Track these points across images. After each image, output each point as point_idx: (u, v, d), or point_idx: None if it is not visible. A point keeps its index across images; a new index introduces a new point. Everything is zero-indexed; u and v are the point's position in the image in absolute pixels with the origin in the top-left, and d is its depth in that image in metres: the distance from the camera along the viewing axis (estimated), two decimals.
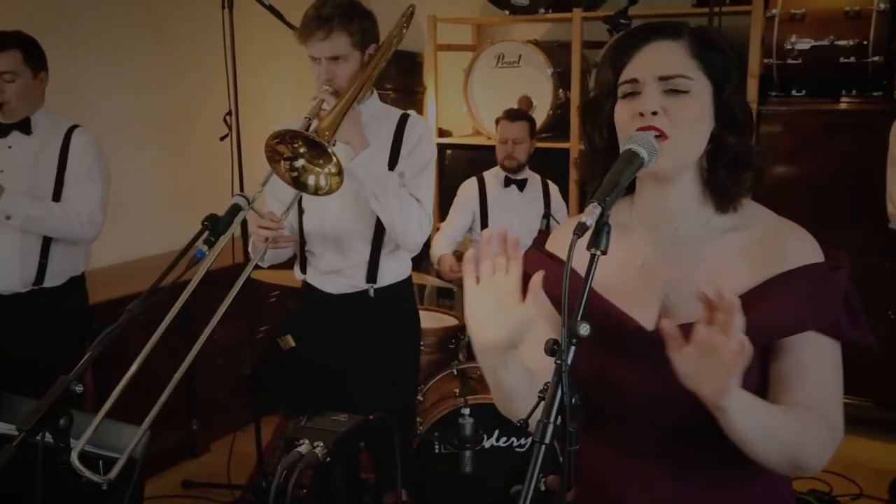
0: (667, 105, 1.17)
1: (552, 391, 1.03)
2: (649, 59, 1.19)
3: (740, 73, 1.23)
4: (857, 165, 3.41)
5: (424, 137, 2.29)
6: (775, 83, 3.72)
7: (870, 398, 3.62)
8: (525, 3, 4.12)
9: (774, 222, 1.24)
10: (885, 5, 3.45)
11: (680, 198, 1.24)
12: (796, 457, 1.13)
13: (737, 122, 1.20)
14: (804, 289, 1.15)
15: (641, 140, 1.15)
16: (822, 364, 1.17)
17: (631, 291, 1.25)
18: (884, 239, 3.27)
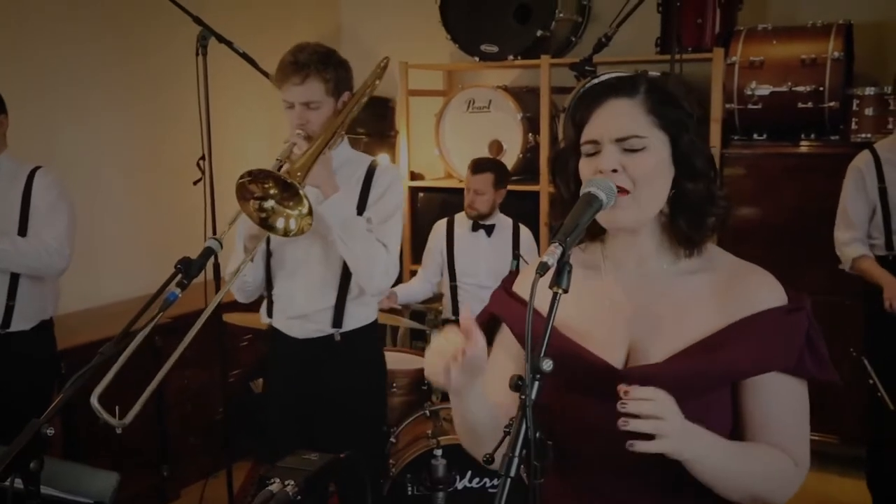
0: (625, 163, 1.22)
1: (517, 426, 1.06)
2: (606, 120, 1.25)
3: (698, 121, 1.28)
4: (817, 207, 3.50)
5: (393, 184, 2.33)
6: (737, 128, 3.84)
7: (836, 434, 3.68)
8: (494, 50, 4.22)
9: (739, 265, 1.29)
10: (839, 54, 3.58)
11: (645, 244, 1.29)
12: (760, 493, 1.18)
13: (696, 170, 1.24)
14: (768, 331, 1.20)
15: (600, 184, 1.20)
16: (787, 404, 1.22)
17: (600, 332, 1.28)
18: (843, 278, 3.35)
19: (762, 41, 3.77)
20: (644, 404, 1.10)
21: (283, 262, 2.34)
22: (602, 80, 1.32)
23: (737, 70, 3.75)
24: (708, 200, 1.25)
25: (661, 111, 1.24)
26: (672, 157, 1.24)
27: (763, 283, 1.24)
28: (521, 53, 4.20)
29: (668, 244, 1.28)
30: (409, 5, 4.82)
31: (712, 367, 1.19)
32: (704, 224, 1.25)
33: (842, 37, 3.63)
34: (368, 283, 2.24)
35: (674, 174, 1.25)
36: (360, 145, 4.61)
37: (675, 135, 1.24)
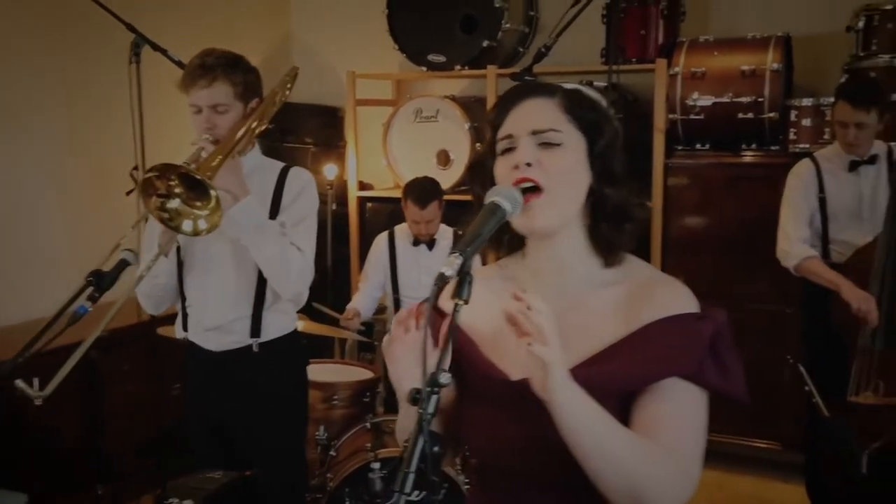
0: (541, 157, 1.22)
1: (413, 440, 1.04)
2: (523, 115, 1.25)
3: (616, 130, 1.28)
4: (760, 216, 3.55)
5: (306, 188, 2.30)
6: (680, 138, 3.88)
7: (776, 441, 3.72)
8: (442, 60, 4.22)
9: (650, 275, 1.28)
10: (778, 65, 3.64)
11: (565, 252, 1.27)
12: (637, 488, 1.10)
13: (613, 175, 1.24)
14: (668, 338, 1.18)
15: (504, 193, 1.19)
16: (682, 410, 1.17)
17: (509, 342, 1.24)
18: (785, 287, 3.40)
19: (704, 52, 3.81)
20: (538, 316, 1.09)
21: (195, 270, 2.30)
22: (518, 85, 1.32)
23: (679, 81, 3.79)
24: (625, 207, 1.25)
25: (579, 113, 1.24)
26: (589, 159, 1.24)
27: (669, 292, 1.22)
28: (468, 63, 4.21)
29: (588, 252, 1.27)
30: (358, 15, 4.80)
31: (609, 376, 1.17)
32: (624, 230, 1.25)
33: (780, 49, 3.69)
34: (283, 287, 2.21)
35: (591, 179, 1.24)
36: (308, 155, 4.59)
37: (592, 137, 1.24)
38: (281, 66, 2.40)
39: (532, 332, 1.08)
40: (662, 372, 1.17)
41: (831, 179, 3.12)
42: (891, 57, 3.51)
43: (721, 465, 3.83)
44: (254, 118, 2.21)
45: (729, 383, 1.19)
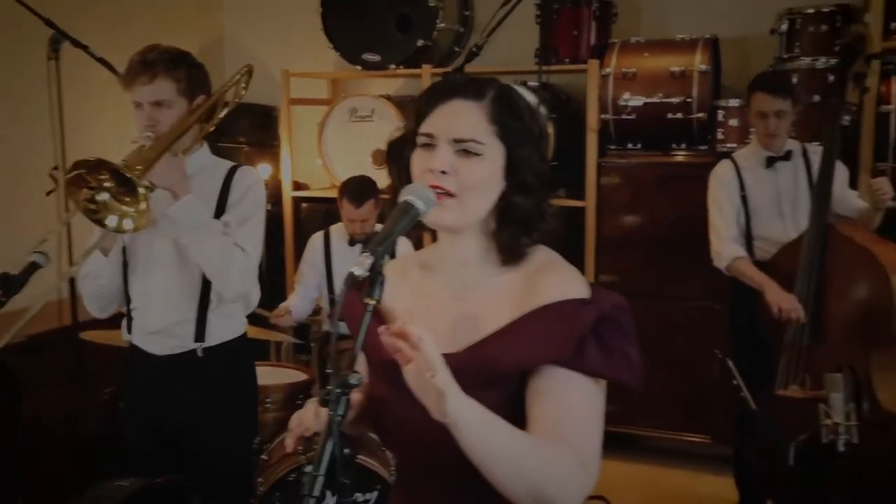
0: (457, 165, 1.21)
1: (323, 443, 1.03)
2: (448, 117, 1.23)
3: (539, 137, 1.27)
4: (690, 215, 3.60)
5: (253, 188, 2.27)
6: (613, 137, 3.92)
7: (707, 434, 3.80)
8: (376, 59, 4.20)
9: (544, 262, 1.26)
10: (706, 66, 3.71)
11: (466, 248, 1.28)
12: (538, 487, 1.10)
13: (526, 185, 1.23)
14: (545, 324, 1.17)
15: (419, 192, 1.18)
16: (574, 400, 1.16)
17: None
18: (715, 284, 3.46)
19: (635, 53, 3.87)
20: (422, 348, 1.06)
21: (138, 270, 2.25)
22: (452, 78, 1.30)
23: (611, 81, 3.84)
24: (536, 216, 1.25)
25: (504, 121, 1.23)
26: (505, 168, 1.23)
27: (555, 279, 1.21)
28: (403, 63, 4.19)
29: (487, 253, 1.28)
30: (292, 13, 4.74)
31: (491, 360, 1.17)
32: (529, 238, 1.25)
33: (708, 50, 3.76)
34: (225, 287, 2.17)
35: (504, 186, 1.24)
36: (242, 155, 4.51)
37: (512, 147, 1.23)
38: (213, 64, 2.34)
39: (421, 364, 1.06)
40: (539, 356, 1.16)
41: (750, 177, 3.20)
42: (812, 59, 3.61)
43: (654, 459, 3.90)
44: (200, 115, 2.18)
45: (614, 368, 1.17)
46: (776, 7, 3.76)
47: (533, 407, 1.17)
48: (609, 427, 1.20)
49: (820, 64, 3.60)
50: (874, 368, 2.79)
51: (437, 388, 1.04)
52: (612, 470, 3.77)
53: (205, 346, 2.25)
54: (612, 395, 1.22)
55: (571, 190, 4.06)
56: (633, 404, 3.84)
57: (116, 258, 2.22)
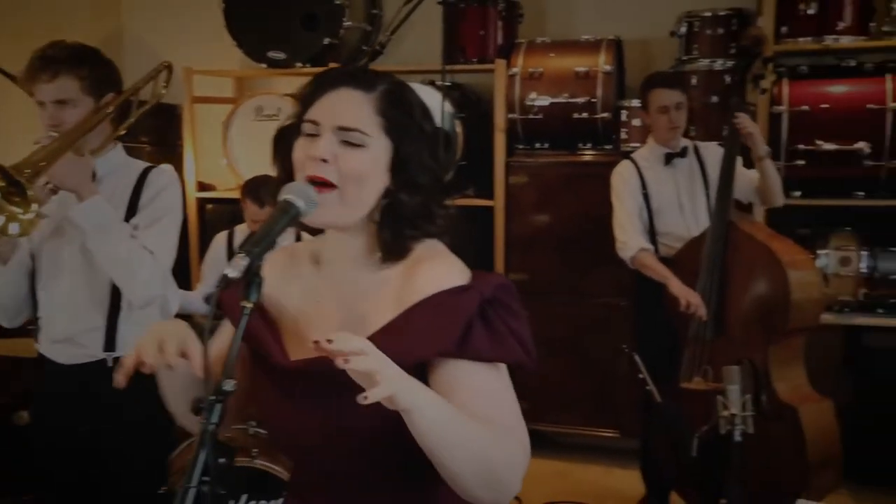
0: (340, 154, 1.17)
1: (196, 452, 0.98)
2: (333, 105, 1.19)
3: (430, 136, 1.24)
4: (597, 213, 3.66)
5: (166, 189, 2.18)
6: (520, 137, 3.95)
7: (615, 428, 3.87)
8: (282, 57, 4.12)
9: (424, 253, 1.23)
10: (609, 67, 3.78)
11: (351, 244, 1.25)
12: (492, 467, 1.08)
13: (413, 183, 1.21)
14: (426, 318, 1.14)
15: (299, 190, 1.15)
16: (479, 386, 1.13)
17: (305, 329, 1.25)
18: (622, 280, 3.52)
19: (541, 54, 3.91)
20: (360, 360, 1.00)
21: (44, 276, 2.14)
22: (342, 68, 1.27)
23: (518, 81, 3.87)
24: (423, 216, 1.21)
25: (392, 115, 1.20)
26: (391, 164, 1.21)
27: (431, 271, 1.19)
28: (309, 61, 4.13)
29: (371, 250, 1.25)
30: (194, 8, 4.61)
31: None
32: (414, 237, 1.22)
33: (612, 51, 3.83)
34: (131, 292, 2.08)
35: (388, 183, 1.21)
36: (143, 155, 4.35)
37: (399, 142, 1.20)
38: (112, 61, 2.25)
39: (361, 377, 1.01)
40: (421, 353, 1.14)
41: (651, 175, 3.27)
42: (710, 61, 3.72)
43: (564, 455, 3.94)
44: (108, 114, 2.10)
45: (506, 351, 1.15)
46: (677, 10, 3.86)
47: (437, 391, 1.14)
48: None
49: (717, 65, 3.71)
50: (772, 361, 2.88)
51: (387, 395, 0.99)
52: None
53: (115, 356, 2.15)
54: (522, 394, 1.21)
55: (480, 189, 4.08)
56: (542, 401, 3.88)
57: (20, 265, 2.13)
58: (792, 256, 2.91)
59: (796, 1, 3.53)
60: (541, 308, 3.91)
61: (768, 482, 2.71)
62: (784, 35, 3.58)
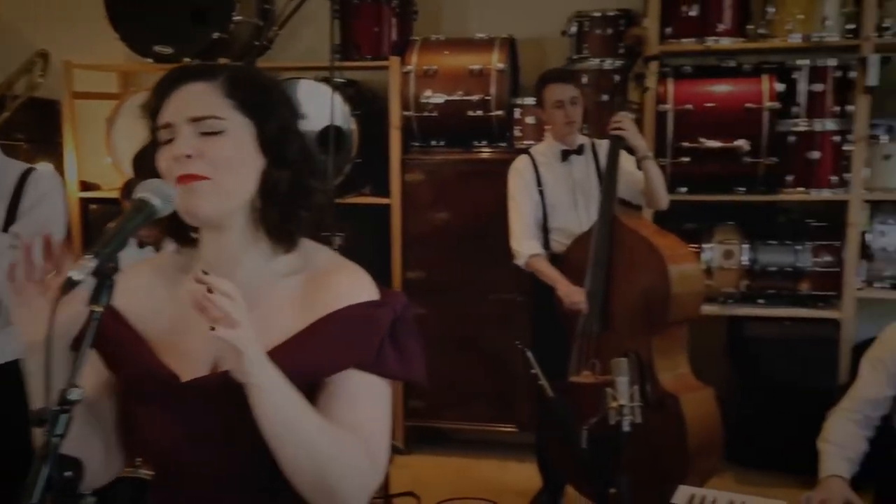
0: (202, 148, 1.14)
1: (38, 466, 0.92)
2: (181, 102, 1.16)
3: (291, 112, 1.23)
4: (493, 210, 3.68)
5: (50, 194, 2.07)
6: (416, 134, 3.94)
7: (513, 423, 3.91)
8: (169, 51, 3.98)
9: (328, 263, 1.24)
10: (503, 65, 3.81)
11: (234, 242, 1.20)
12: (325, 471, 1.08)
13: (286, 159, 1.19)
14: (346, 328, 1.15)
15: (155, 188, 1.10)
16: (366, 401, 1.16)
17: (183, 339, 1.19)
18: (519, 277, 3.55)
19: (435, 51, 3.91)
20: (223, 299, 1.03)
21: None
22: (178, 68, 1.22)
23: (413, 79, 3.86)
24: (300, 192, 1.20)
25: (243, 95, 1.17)
26: (259, 144, 1.18)
27: (346, 281, 1.20)
28: (198, 56, 3.99)
29: (261, 241, 1.21)
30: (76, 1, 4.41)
31: (289, 368, 1.12)
32: (298, 216, 1.20)
33: (505, 50, 3.87)
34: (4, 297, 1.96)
35: (263, 165, 1.18)
36: (20, 153, 4.13)
37: (261, 120, 1.18)
38: None
39: (218, 316, 1.02)
40: (341, 363, 1.15)
41: (547, 172, 3.32)
42: (600, 60, 3.81)
43: (462, 451, 3.96)
44: None
45: (409, 369, 1.19)
46: (568, 9, 3.92)
47: (322, 406, 1.14)
48: (417, 422, 1.21)
49: (607, 65, 3.80)
50: (655, 352, 2.97)
51: (234, 345, 1.02)
52: (420, 465, 3.83)
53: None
54: (420, 392, 1.24)
55: (377, 187, 4.05)
56: (441, 398, 3.89)
57: None
58: (673, 251, 3.00)
59: (679, 3, 3.64)
60: (438, 305, 3.92)
61: (653, 469, 2.78)
62: (668, 36, 3.69)
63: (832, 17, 3.52)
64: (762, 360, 3.68)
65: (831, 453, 2.32)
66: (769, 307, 3.74)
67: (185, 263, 1.25)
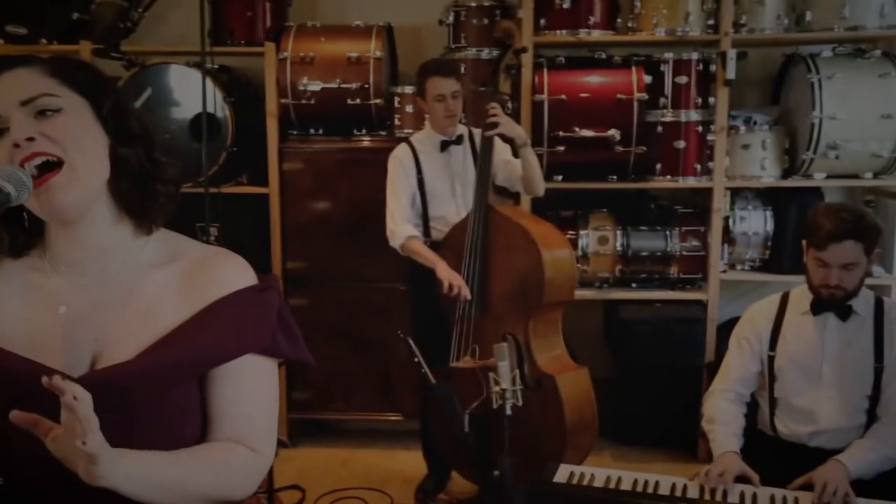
0: (43, 129, 1.09)
1: None
2: (5, 89, 1.10)
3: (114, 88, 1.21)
4: (372, 198, 3.66)
5: None
6: (294, 122, 3.87)
7: (398, 412, 3.92)
8: (22, 32, 3.73)
9: (206, 251, 1.23)
10: (380, 53, 3.79)
11: (97, 233, 1.16)
12: (219, 496, 1.14)
13: (129, 134, 1.16)
14: (237, 313, 1.16)
15: (7, 174, 1.03)
16: (256, 387, 1.19)
17: (53, 341, 1.13)
18: (399, 266, 3.55)
19: (312, 38, 3.84)
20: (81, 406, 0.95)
21: None
22: None
23: (289, 65, 3.78)
24: (153, 165, 1.18)
25: (70, 74, 1.14)
26: (100, 122, 1.14)
27: (230, 266, 1.20)
28: (57, 38, 3.77)
29: (124, 227, 1.18)
30: None
31: (181, 359, 1.11)
32: (154, 191, 1.17)
33: (382, 37, 3.85)
34: None
35: (109, 141, 1.15)
36: None
37: (96, 98, 1.15)
38: None
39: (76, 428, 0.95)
40: (237, 348, 1.15)
41: (426, 160, 3.33)
42: (477, 50, 3.85)
43: (347, 442, 3.94)
44: None
45: (297, 348, 1.22)
46: None
47: (214, 393, 1.16)
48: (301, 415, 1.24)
49: (484, 55, 3.84)
50: (532, 335, 3.05)
51: (88, 453, 0.95)
52: (304, 457, 3.78)
53: None
54: (303, 384, 1.27)
55: (254, 176, 3.95)
56: (324, 390, 3.85)
57: None
58: (545, 238, 3.09)
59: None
60: (319, 295, 3.88)
61: (533, 449, 2.86)
62: (543, 27, 3.77)
63: (694, 12, 3.69)
64: (635, 341, 3.84)
65: (719, 432, 2.41)
66: (641, 290, 3.91)
67: (33, 263, 1.19)
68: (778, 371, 2.46)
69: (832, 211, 2.31)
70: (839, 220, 2.25)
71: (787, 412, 2.46)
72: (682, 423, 3.76)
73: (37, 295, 1.16)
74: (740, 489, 2.22)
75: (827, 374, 2.40)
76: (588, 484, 2.26)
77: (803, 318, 2.44)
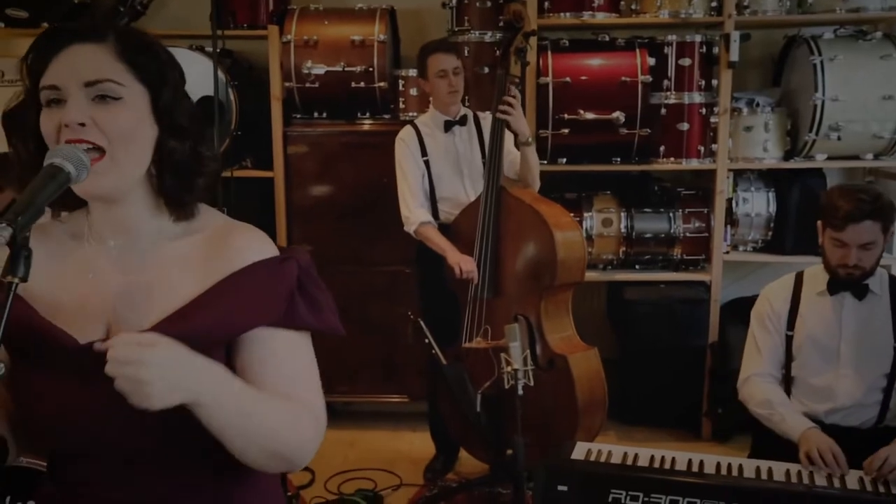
0: (96, 116, 1.08)
1: None
2: (70, 63, 1.08)
3: (180, 76, 1.19)
4: (377, 182, 3.68)
5: None
6: (298, 106, 3.86)
7: (406, 394, 3.94)
8: (24, 15, 3.70)
9: (227, 224, 1.22)
10: (384, 36, 3.78)
11: (131, 213, 1.17)
12: (279, 448, 1.12)
13: (179, 128, 1.16)
14: (253, 285, 1.15)
15: (68, 153, 1.04)
16: (291, 359, 1.17)
17: (80, 305, 1.14)
18: (405, 248, 3.57)
19: (315, 21, 3.83)
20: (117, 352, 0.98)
21: None
22: (62, 25, 1.15)
23: (292, 48, 3.76)
24: (196, 160, 1.17)
25: (137, 60, 1.12)
26: (153, 113, 1.13)
27: (247, 239, 1.19)
28: (58, 21, 3.73)
29: (157, 210, 1.18)
30: None
31: (199, 330, 1.10)
32: (195, 185, 1.18)
33: (386, 21, 3.84)
34: None
35: (157, 134, 1.14)
36: None
37: (156, 87, 1.13)
38: None
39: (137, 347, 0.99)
40: (253, 320, 1.14)
41: (431, 142, 3.35)
42: (480, 33, 3.84)
43: (354, 423, 3.96)
44: None
45: (322, 319, 1.20)
46: None
47: (247, 371, 1.14)
48: None
49: (488, 38, 3.84)
50: (544, 315, 3.07)
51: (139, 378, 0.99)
52: None
53: None
54: None
55: (259, 160, 3.95)
56: (330, 372, 3.86)
57: None
58: (557, 219, 3.11)
59: None
60: (325, 278, 3.80)
61: (544, 429, 2.89)
62: (547, 10, 3.77)
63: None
64: (639, 322, 3.87)
65: (786, 414, 2.39)
66: (645, 272, 3.94)
67: (74, 229, 1.20)
68: (796, 351, 2.48)
69: (849, 191, 2.34)
70: (857, 200, 2.28)
71: (803, 390, 2.48)
72: (686, 403, 3.81)
73: (69, 259, 1.17)
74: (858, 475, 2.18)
75: (845, 353, 2.43)
76: (606, 461, 2.29)
77: (820, 298, 2.47)
